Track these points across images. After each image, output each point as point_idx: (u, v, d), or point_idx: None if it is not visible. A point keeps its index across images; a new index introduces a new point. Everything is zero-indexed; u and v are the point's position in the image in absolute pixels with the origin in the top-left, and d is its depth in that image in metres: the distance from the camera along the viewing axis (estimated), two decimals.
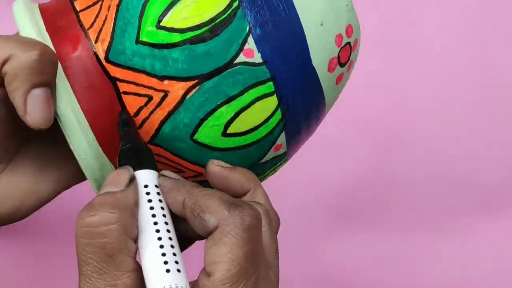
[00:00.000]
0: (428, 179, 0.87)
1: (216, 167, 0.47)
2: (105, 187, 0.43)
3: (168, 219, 0.43)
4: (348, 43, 0.51)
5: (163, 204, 0.44)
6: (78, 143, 0.46)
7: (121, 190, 0.43)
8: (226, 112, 0.47)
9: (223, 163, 0.48)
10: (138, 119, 0.48)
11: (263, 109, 0.48)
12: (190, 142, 0.48)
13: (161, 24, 0.47)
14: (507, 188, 0.86)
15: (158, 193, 0.44)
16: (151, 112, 0.48)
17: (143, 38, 0.47)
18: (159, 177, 0.45)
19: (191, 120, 0.48)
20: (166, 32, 0.47)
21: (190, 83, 0.47)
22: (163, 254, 0.41)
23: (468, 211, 0.86)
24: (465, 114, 0.87)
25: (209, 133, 0.48)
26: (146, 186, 0.44)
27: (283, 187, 0.84)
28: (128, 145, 0.45)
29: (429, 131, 0.87)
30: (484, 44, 0.88)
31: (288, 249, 0.90)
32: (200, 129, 0.48)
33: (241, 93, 0.48)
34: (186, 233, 0.45)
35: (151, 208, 0.43)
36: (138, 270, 0.42)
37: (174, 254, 0.41)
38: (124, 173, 0.44)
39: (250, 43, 0.47)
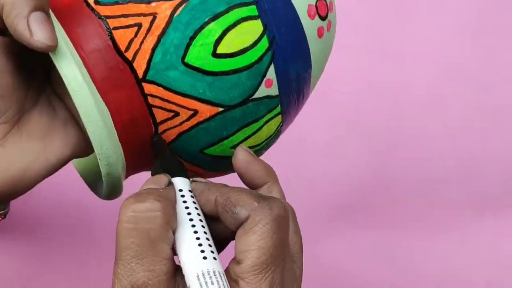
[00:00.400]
0: (427, 179, 0.88)
1: (244, 152, 0.49)
2: (146, 185, 0.46)
3: (202, 217, 0.45)
4: None
5: (197, 206, 0.46)
6: (85, 103, 0.47)
7: (164, 188, 0.45)
8: (213, 29, 0.49)
9: (249, 150, 0.50)
10: (130, 54, 0.49)
11: (249, 31, 0.50)
12: (181, 67, 0.49)
13: None
14: (506, 188, 0.86)
15: (192, 197, 0.46)
16: (142, 42, 0.49)
17: None
18: (192, 182, 0.48)
19: (181, 40, 0.49)
20: None
21: (177, 1, 0.49)
22: (200, 245, 0.43)
23: (467, 211, 0.87)
24: (464, 115, 0.88)
25: (199, 54, 0.49)
26: (180, 190, 0.46)
27: (282, 187, 0.84)
28: (161, 159, 0.48)
29: (428, 131, 0.87)
30: (483, 44, 0.88)
31: None
32: (190, 49, 0.49)
33: (226, 11, 0.49)
34: (220, 234, 0.46)
35: (186, 207, 0.45)
36: (173, 259, 0.43)
37: (210, 245, 0.43)
38: (163, 177, 0.46)
39: None
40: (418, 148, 0.88)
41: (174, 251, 0.45)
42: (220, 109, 0.50)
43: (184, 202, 0.46)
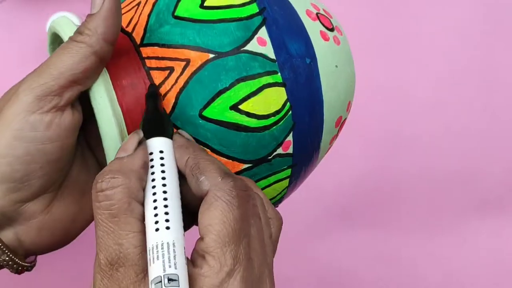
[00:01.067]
0: (428, 180, 0.87)
1: (180, 138, 0.50)
2: (117, 153, 0.47)
3: (170, 180, 0.45)
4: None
5: (168, 167, 0.46)
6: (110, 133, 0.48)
7: (128, 155, 0.46)
8: None
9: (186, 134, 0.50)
10: (130, 26, 0.51)
11: None
12: (172, 20, 0.51)
13: None
14: (506, 188, 0.86)
15: (162, 158, 0.46)
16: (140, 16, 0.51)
17: None
18: (175, 133, 0.48)
19: None
20: None
21: None
22: (155, 215, 0.43)
23: (467, 211, 0.86)
24: (465, 116, 0.87)
25: (188, 6, 0.51)
26: (151, 153, 0.46)
27: None
28: (149, 114, 0.48)
29: (428, 131, 0.87)
30: (484, 44, 0.88)
31: (287, 248, 0.90)
32: (179, 4, 0.51)
33: None
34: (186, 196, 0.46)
35: (152, 173, 0.45)
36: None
37: (167, 213, 0.43)
38: (133, 138, 0.47)
39: None
40: (419, 149, 0.88)
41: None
42: (211, 55, 0.50)
43: (152, 167, 0.45)
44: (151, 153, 0.46)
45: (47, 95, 0.47)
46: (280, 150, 0.52)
